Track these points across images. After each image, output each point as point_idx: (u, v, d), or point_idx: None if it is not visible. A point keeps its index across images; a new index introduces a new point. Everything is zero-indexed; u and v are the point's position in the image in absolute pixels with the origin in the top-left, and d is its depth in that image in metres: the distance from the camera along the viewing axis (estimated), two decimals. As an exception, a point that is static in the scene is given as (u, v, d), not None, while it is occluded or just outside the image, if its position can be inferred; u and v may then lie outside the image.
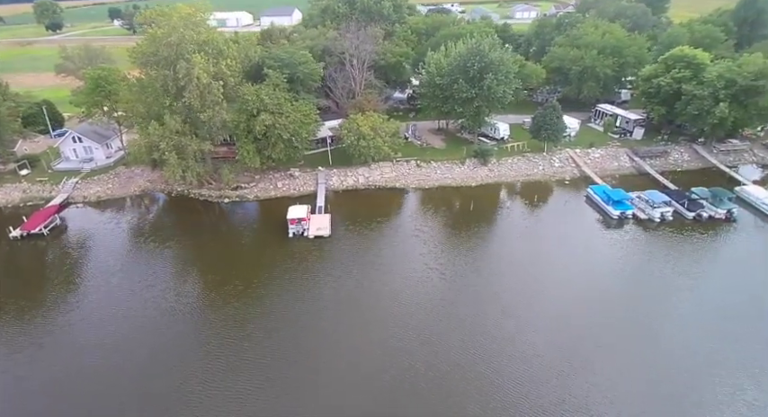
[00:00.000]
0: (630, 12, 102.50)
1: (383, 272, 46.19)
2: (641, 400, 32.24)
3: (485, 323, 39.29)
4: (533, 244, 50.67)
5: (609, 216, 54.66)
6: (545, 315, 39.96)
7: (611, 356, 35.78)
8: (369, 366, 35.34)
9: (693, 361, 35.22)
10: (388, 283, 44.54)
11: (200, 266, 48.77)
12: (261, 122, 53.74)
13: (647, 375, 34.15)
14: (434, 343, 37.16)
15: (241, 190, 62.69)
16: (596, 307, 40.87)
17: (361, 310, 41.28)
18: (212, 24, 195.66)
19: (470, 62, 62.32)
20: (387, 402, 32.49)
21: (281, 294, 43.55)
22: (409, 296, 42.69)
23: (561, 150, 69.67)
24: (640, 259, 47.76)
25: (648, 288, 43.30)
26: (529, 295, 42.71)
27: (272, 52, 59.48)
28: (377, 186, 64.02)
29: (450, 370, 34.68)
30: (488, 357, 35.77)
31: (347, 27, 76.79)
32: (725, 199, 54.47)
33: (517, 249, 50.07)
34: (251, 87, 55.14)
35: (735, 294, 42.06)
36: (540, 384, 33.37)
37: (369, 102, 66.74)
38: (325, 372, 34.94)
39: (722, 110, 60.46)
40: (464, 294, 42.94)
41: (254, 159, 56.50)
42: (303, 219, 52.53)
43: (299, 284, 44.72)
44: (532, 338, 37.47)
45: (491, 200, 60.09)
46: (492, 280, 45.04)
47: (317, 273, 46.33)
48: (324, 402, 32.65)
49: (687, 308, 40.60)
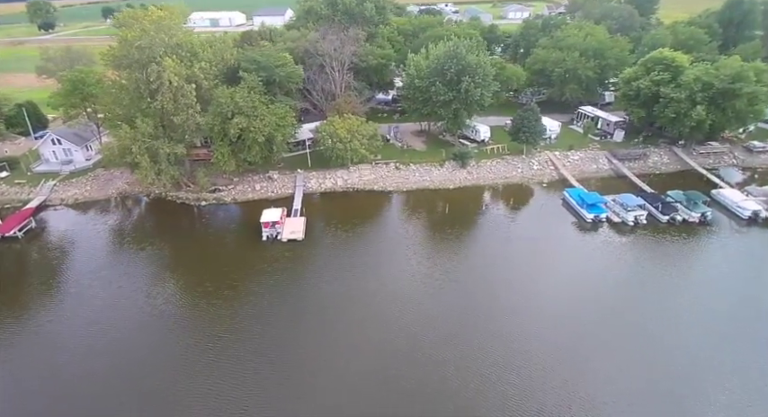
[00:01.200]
0: (616, 13, 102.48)
1: (354, 276, 46.14)
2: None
3: (459, 327, 39.29)
4: (507, 248, 50.72)
5: (583, 219, 54.71)
6: (510, 319, 40.04)
7: (589, 362, 35.89)
8: (341, 369, 35.40)
9: (672, 368, 35.33)
10: (359, 287, 44.51)
11: (171, 269, 48.69)
12: (235, 125, 53.63)
13: (628, 381, 34.25)
14: (409, 348, 37.20)
15: (219, 192, 62.66)
16: (565, 312, 40.95)
17: (327, 314, 41.24)
18: (204, 24, 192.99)
19: (447, 65, 62.30)
20: (368, 404, 32.59)
21: (248, 297, 43.53)
22: (380, 299, 42.73)
23: (541, 152, 69.69)
24: (611, 263, 47.76)
25: (615, 292, 43.37)
26: (502, 298, 42.77)
27: (247, 55, 59.29)
28: (355, 189, 63.99)
29: (426, 378, 34.67)
30: (465, 366, 35.68)
31: (328, 29, 76.78)
32: (699, 202, 54.53)
33: (490, 253, 50.05)
34: (225, 90, 55.02)
35: (699, 298, 42.22)
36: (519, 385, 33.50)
37: (347, 104, 66.68)
38: (295, 376, 34.98)
39: (699, 113, 60.46)
40: (436, 297, 42.99)
41: (228, 162, 56.42)
42: (277, 222, 52.53)
43: (267, 288, 44.73)
44: (504, 342, 37.54)
45: (468, 203, 60.05)
46: (466, 284, 44.92)
47: (286, 277, 46.28)
48: (305, 402, 32.75)
49: (651, 311, 40.67)
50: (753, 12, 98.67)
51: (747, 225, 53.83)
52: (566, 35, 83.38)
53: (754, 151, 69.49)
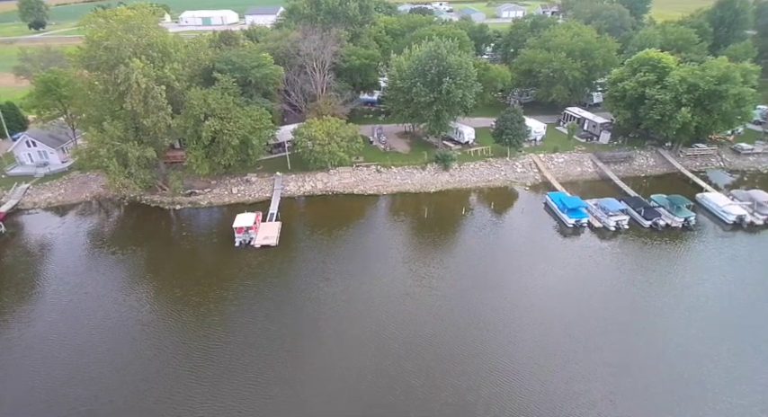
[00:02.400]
0: (606, 13, 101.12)
1: (327, 283, 44.81)
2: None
3: (435, 335, 38.16)
4: (484, 255, 49.51)
5: (564, 224, 53.49)
6: (483, 329, 38.88)
7: (563, 370, 34.76)
8: (311, 379, 34.23)
9: (652, 377, 34.20)
10: (330, 294, 43.24)
11: (140, 276, 47.39)
12: (207, 128, 52.32)
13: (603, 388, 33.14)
14: (382, 357, 36.09)
15: (195, 196, 61.35)
16: (536, 320, 39.79)
17: (295, 322, 40.02)
18: (197, 23, 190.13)
19: (428, 65, 61.00)
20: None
21: (216, 305, 42.36)
22: (352, 306, 41.57)
23: (525, 155, 68.47)
24: (589, 270, 46.59)
25: (590, 300, 42.19)
26: (475, 308, 41.56)
27: (222, 55, 57.91)
28: (334, 192, 62.73)
29: (398, 387, 33.61)
30: (433, 383, 34.53)
31: (311, 28, 75.50)
32: (683, 206, 53.36)
33: (466, 260, 48.74)
34: (198, 92, 53.68)
35: (675, 306, 41.08)
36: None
37: (327, 105, 65.39)
38: (261, 385, 33.81)
39: (684, 115, 59.24)
40: (410, 305, 41.84)
41: (202, 166, 55.11)
42: (251, 228, 51.28)
43: (235, 295, 43.53)
44: (476, 350, 36.40)
45: (448, 208, 58.72)
46: (440, 291, 43.73)
47: (256, 284, 45.07)
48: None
49: (627, 321, 39.52)
50: (744, 11, 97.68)
51: (732, 229, 52.66)
52: (553, 35, 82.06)
53: (741, 153, 68.33)
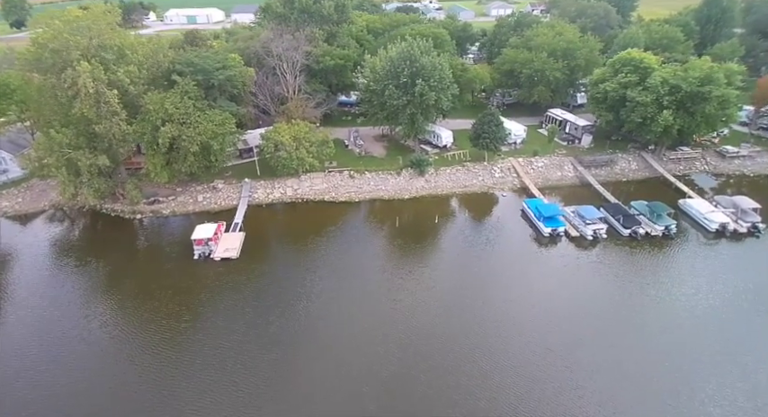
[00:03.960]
0: (592, 11, 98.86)
1: (283, 299, 42.28)
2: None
3: (401, 357, 35.83)
4: (453, 266, 47.21)
5: (541, 233, 51.21)
6: (445, 345, 36.55)
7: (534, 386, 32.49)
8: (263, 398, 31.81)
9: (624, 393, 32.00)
10: (287, 313, 40.79)
11: (92, 290, 44.72)
12: (164, 134, 49.61)
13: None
14: (341, 376, 33.73)
15: (158, 204, 58.59)
16: (504, 337, 37.54)
17: (239, 341, 37.55)
18: (182, 21, 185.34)
19: (400, 67, 58.49)
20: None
21: (168, 321, 39.89)
22: (309, 326, 39.14)
23: (504, 159, 66.13)
24: (563, 282, 44.27)
25: (564, 312, 39.96)
26: (441, 322, 39.25)
27: (183, 56, 55.12)
28: (305, 199, 60.13)
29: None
30: (390, 403, 32.32)
31: (284, 28, 72.85)
32: (663, 214, 51.14)
33: (435, 273, 46.35)
34: (155, 96, 50.94)
35: (653, 320, 38.94)
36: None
37: (297, 108, 62.77)
38: (204, 402, 31.40)
39: (666, 118, 57.07)
40: (378, 322, 39.49)
41: (161, 174, 52.40)
42: (210, 239, 48.70)
43: (189, 311, 41.18)
44: (440, 367, 34.08)
45: (421, 215, 56.28)
46: (409, 306, 41.34)
47: (210, 300, 42.63)
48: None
49: (598, 335, 37.33)
50: (731, 9, 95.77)
51: (714, 238, 50.56)
52: (535, 35, 79.71)
53: (726, 156, 66.21)
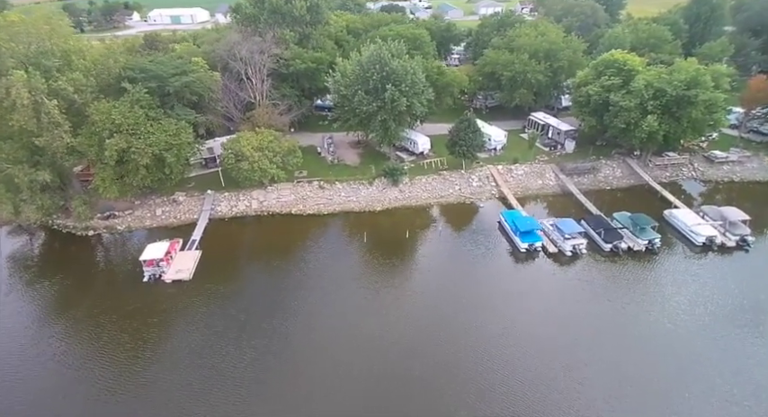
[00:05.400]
0: (578, 10, 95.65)
1: (229, 329, 38.88)
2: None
3: (367, 388, 32.60)
4: (421, 287, 43.87)
5: (517, 248, 48.03)
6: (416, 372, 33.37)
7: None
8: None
9: None
10: (233, 342, 37.48)
11: (30, 315, 41.29)
12: (111, 146, 46.09)
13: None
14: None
15: (113, 218, 55.08)
16: (476, 359, 34.37)
17: (181, 374, 34.26)
18: (165, 22, 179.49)
19: (370, 72, 55.14)
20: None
21: (107, 353, 36.53)
22: (252, 357, 35.83)
23: (483, 166, 62.90)
24: (540, 301, 41.21)
25: (537, 335, 36.82)
26: (413, 348, 36.06)
27: (135, 62, 51.55)
28: (270, 212, 56.69)
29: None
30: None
31: (254, 29, 69.45)
32: (647, 227, 48.01)
33: (401, 293, 43.10)
34: (102, 105, 47.41)
35: (631, 345, 35.86)
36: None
37: (263, 115, 59.30)
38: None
39: (650, 124, 53.96)
40: (339, 350, 36.37)
41: (110, 188, 48.88)
42: (162, 260, 45.27)
43: (132, 339, 37.88)
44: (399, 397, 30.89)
45: (392, 229, 52.90)
46: (373, 332, 38.14)
47: (157, 324, 39.49)
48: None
49: (572, 360, 34.22)
50: (721, 7, 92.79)
51: (701, 252, 47.55)
52: (517, 35, 76.48)
53: (715, 162, 63.19)
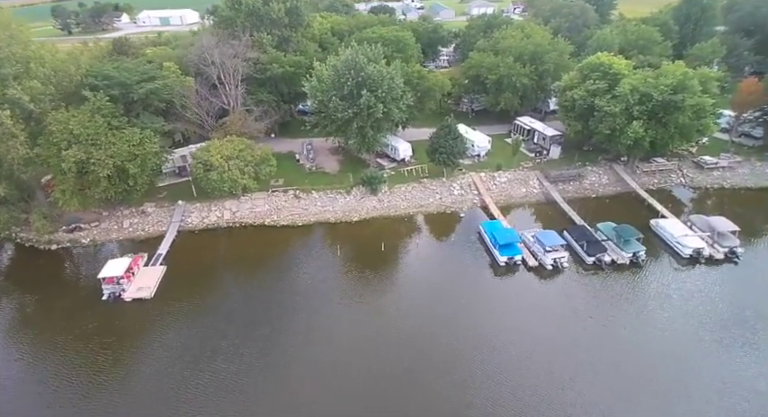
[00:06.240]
0: (567, 10, 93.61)
1: (186, 352, 36.72)
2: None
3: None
4: (399, 303, 41.78)
5: (496, 262, 45.97)
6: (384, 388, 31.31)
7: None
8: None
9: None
10: (190, 365, 35.37)
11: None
12: (68, 158, 43.93)
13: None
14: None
15: (79, 231, 52.89)
16: (449, 381, 32.30)
17: (134, 399, 32.14)
18: (155, 23, 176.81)
19: (345, 77, 53.04)
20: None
21: (63, 372, 34.38)
22: (211, 379, 33.69)
23: (465, 174, 60.83)
24: (517, 319, 39.18)
25: (512, 356, 34.78)
26: (384, 371, 33.99)
27: (96, 69, 49.36)
28: (243, 223, 54.54)
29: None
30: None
31: (228, 32, 67.31)
32: (632, 239, 45.97)
33: (373, 310, 41.07)
34: (60, 114, 45.22)
35: (610, 368, 33.84)
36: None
37: (235, 123, 57.15)
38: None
39: (635, 130, 51.97)
40: (305, 370, 34.26)
41: (70, 201, 46.73)
42: (122, 277, 43.09)
43: (85, 362, 35.79)
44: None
45: (368, 241, 50.71)
46: (332, 362, 36.12)
47: (110, 348, 37.30)
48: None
49: (549, 382, 32.16)
50: (712, 7, 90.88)
51: (687, 264, 45.52)
52: (502, 37, 74.44)
53: (705, 168, 61.19)
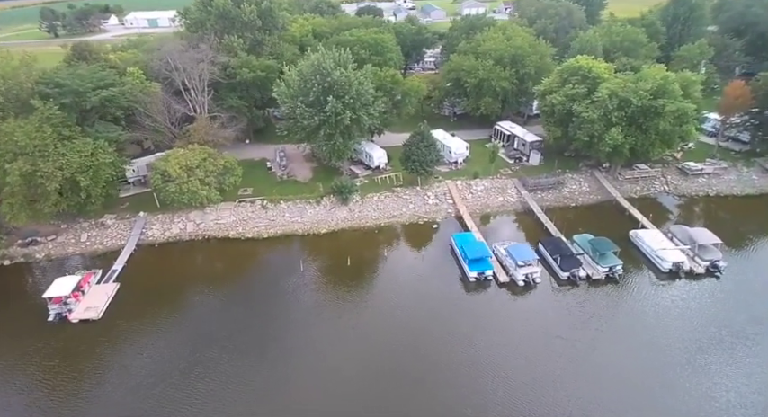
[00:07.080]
0: (552, 11, 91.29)
1: (127, 380, 34.53)
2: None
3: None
4: (362, 324, 39.62)
5: (467, 277, 43.73)
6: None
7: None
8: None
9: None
10: (132, 391, 33.12)
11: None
12: (13, 171, 41.64)
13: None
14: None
15: (35, 245, 50.58)
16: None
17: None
18: (143, 25, 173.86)
19: (311, 83, 50.79)
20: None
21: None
22: (155, 406, 31.49)
23: (441, 182, 58.60)
24: (485, 340, 36.97)
25: (479, 379, 32.59)
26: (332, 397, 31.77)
27: (46, 76, 47.09)
28: (206, 236, 52.24)
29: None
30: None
31: (199, 35, 65.18)
32: (608, 252, 43.76)
33: (340, 331, 38.89)
34: (6, 125, 42.95)
35: (582, 392, 31.65)
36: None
37: (199, 130, 54.85)
38: None
39: (613, 137, 49.81)
40: (253, 397, 31.87)
41: (18, 215, 44.42)
42: (69, 296, 40.79)
43: (24, 390, 33.35)
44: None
45: (334, 255, 48.51)
46: (294, 374, 33.92)
47: (50, 372, 35.15)
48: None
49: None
50: (700, 7, 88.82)
51: (667, 279, 43.35)
52: (483, 39, 72.21)
53: (689, 174, 58.96)
